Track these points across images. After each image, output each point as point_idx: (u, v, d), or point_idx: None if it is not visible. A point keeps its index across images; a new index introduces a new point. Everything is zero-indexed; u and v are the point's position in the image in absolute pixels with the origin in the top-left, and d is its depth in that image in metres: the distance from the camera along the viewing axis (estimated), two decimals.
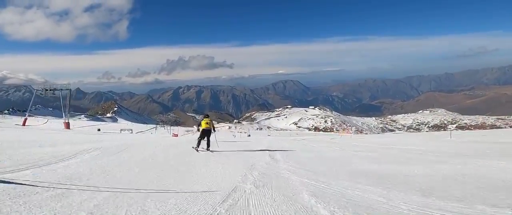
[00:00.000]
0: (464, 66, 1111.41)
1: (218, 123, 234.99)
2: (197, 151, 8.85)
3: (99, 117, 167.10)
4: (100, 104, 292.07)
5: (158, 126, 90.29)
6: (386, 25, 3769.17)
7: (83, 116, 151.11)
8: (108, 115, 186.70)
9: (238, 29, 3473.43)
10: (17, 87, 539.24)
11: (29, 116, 43.88)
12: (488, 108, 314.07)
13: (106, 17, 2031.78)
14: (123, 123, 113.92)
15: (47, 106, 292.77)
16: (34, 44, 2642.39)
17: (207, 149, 9.13)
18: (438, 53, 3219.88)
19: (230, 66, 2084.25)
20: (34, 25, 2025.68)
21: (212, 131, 9.42)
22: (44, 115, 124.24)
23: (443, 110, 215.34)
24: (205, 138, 9.22)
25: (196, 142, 9.18)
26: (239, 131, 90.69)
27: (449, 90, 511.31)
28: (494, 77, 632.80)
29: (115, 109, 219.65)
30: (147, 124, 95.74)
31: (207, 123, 9.31)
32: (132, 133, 47.74)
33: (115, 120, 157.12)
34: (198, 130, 9.73)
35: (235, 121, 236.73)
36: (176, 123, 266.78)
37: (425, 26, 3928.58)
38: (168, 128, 78.15)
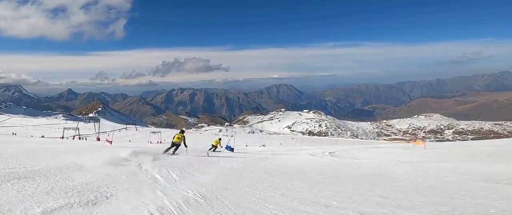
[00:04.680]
0: (455, 73, 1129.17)
1: (208, 125, 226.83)
2: (168, 153, 10.67)
3: (79, 116, 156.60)
4: (86, 105, 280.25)
5: (138, 127, 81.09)
6: (379, 32, 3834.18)
7: (60, 115, 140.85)
8: (90, 115, 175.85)
9: (234, 33, 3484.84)
10: (7, 87, 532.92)
11: None
12: (479, 114, 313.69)
13: (103, 16, 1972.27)
14: (105, 124, 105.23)
15: (36, 107, 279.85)
16: (28, 42, 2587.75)
17: (173, 153, 10.82)
18: (430, 59, 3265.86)
19: (226, 69, 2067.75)
20: (28, 22, 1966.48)
21: (184, 144, 11.38)
22: (16, 113, 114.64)
23: (438, 115, 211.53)
24: (174, 147, 11.18)
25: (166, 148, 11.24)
26: (226, 134, 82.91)
27: (441, 96, 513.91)
28: (485, 83, 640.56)
29: (99, 109, 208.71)
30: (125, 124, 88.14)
31: (178, 138, 11.28)
32: (78, 135, 40.23)
33: (97, 120, 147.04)
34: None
35: (226, 123, 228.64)
36: (168, 125, 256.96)
37: (418, 33, 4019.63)
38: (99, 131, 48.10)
